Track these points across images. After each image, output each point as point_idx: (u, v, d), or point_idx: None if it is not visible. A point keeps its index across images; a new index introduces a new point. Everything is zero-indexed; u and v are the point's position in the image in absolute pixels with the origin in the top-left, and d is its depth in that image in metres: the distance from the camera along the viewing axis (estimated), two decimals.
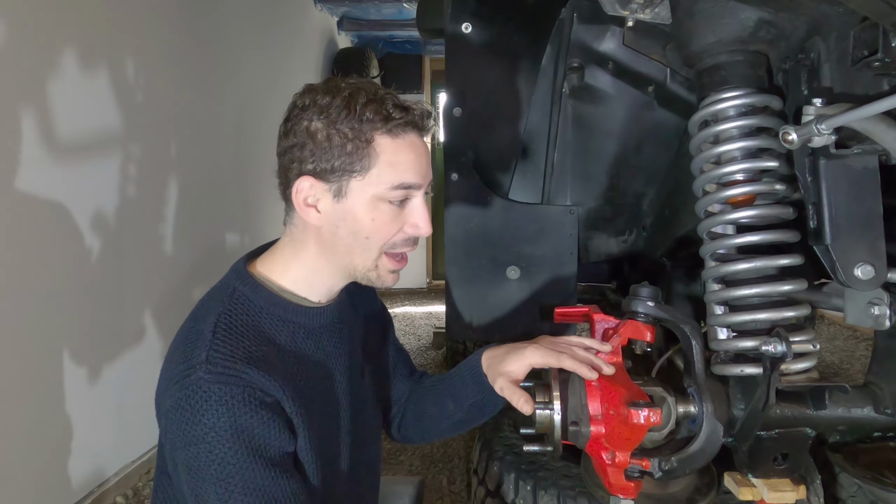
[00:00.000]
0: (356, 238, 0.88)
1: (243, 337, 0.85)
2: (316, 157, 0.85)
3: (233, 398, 0.78)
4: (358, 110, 0.84)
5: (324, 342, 0.95)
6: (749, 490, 1.01)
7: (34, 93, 1.78)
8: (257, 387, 0.80)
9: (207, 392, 0.78)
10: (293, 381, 0.86)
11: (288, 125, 0.87)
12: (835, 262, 0.92)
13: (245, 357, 0.82)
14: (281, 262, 0.94)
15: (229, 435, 0.78)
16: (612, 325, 0.99)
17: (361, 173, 0.85)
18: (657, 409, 0.84)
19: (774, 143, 0.96)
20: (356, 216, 0.87)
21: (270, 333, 0.88)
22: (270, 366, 0.83)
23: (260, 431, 0.79)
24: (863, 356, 3.76)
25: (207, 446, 0.78)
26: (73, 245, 1.93)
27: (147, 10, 2.33)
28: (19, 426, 1.71)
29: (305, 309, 0.93)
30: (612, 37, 1.36)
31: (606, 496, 1.24)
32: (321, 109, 0.85)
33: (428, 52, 5.70)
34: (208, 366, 0.80)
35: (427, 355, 4.10)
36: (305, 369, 0.90)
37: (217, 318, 0.86)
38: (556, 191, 1.51)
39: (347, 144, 0.84)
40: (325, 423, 0.92)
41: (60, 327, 1.87)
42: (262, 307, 0.89)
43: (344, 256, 0.90)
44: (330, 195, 0.87)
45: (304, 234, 0.91)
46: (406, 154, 0.87)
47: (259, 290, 0.90)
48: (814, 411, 1.01)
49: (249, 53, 3.27)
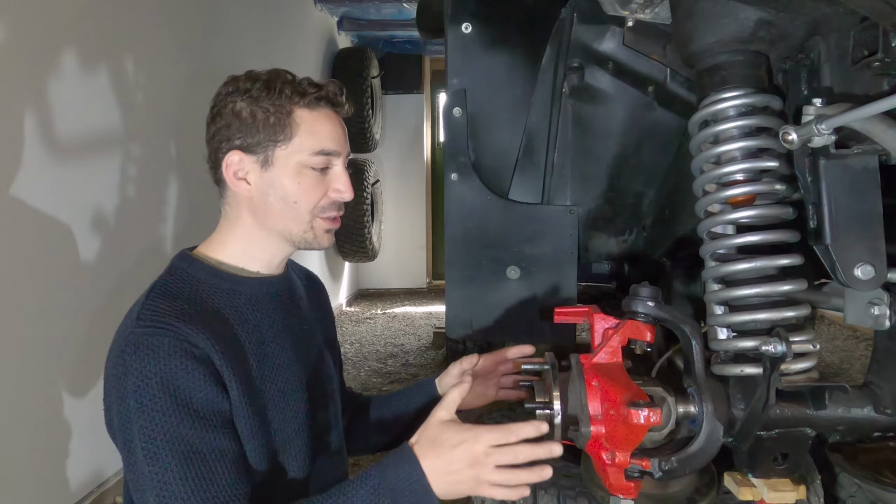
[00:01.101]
0: (286, 203, 0.95)
1: (175, 299, 0.89)
2: (242, 132, 0.93)
3: (160, 347, 0.82)
4: (277, 88, 0.93)
5: (269, 310, 0.98)
6: (749, 490, 1.01)
7: (34, 93, 1.78)
8: (184, 338, 0.83)
9: (136, 344, 0.82)
10: (229, 340, 0.89)
11: (213, 111, 0.96)
12: (835, 262, 0.92)
13: (174, 313, 0.86)
14: (218, 240, 1.00)
15: (155, 382, 0.80)
16: (612, 325, 0.99)
17: (285, 142, 0.94)
18: (657, 409, 0.84)
19: (774, 143, 0.96)
20: (283, 183, 0.95)
21: (208, 298, 0.92)
22: (202, 323, 0.87)
23: (185, 381, 0.82)
24: (863, 356, 3.76)
25: (136, 395, 0.80)
26: (73, 245, 1.93)
27: (147, 10, 2.33)
28: (19, 426, 1.70)
29: (243, 278, 0.98)
30: (612, 37, 1.36)
31: (606, 496, 1.24)
32: (243, 92, 0.94)
33: (428, 52, 5.71)
34: (138, 321, 0.85)
35: (427, 355, 4.10)
36: (246, 331, 0.93)
37: (152, 287, 0.92)
38: (556, 191, 1.51)
39: (270, 118, 0.93)
40: (271, 386, 0.94)
41: (60, 327, 1.87)
42: (201, 278, 0.94)
43: (278, 222, 0.97)
44: (258, 166, 0.95)
45: (237, 210, 0.98)
46: (323, 124, 0.96)
47: (197, 264, 0.96)
48: (814, 411, 1.00)
49: (249, 53, 3.28)
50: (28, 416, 1.74)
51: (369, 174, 4.99)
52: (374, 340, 4.46)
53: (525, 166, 1.48)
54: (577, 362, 0.98)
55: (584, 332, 1.12)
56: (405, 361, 3.99)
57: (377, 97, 5.22)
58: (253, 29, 3.40)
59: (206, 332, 0.86)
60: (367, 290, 6.05)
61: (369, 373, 3.78)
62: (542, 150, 1.47)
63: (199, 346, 0.84)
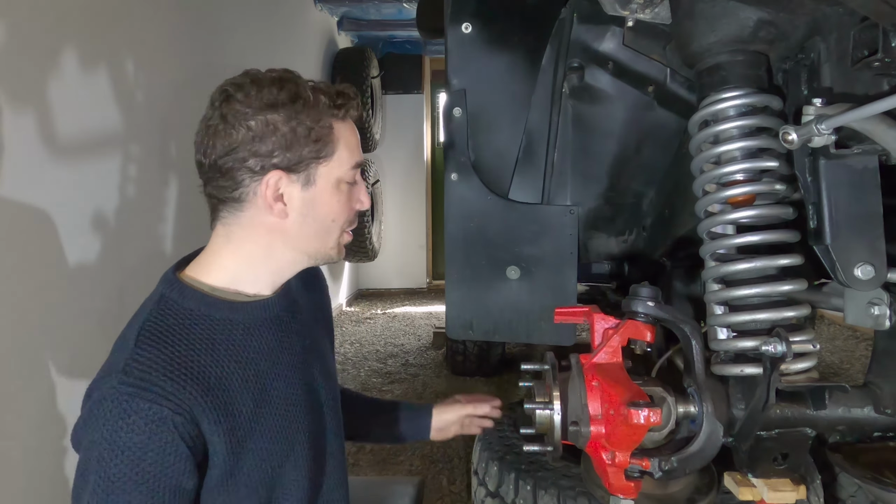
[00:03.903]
0: (323, 223, 0.91)
1: (167, 344, 0.82)
2: (281, 149, 0.85)
3: (137, 414, 0.76)
4: (310, 99, 0.86)
5: (266, 337, 0.92)
6: (749, 490, 1.01)
7: (34, 93, 1.78)
8: (169, 403, 0.77)
9: (113, 403, 0.76)
10: (222, 385, 0.84)
11: (226, 121, 0.84)
12: (835, 262, 0.92)
13: (163, 366, 0.79)
14: (216, 261, 0.91)
15: (122, 453, 0.75)
16: (612, 325, 0.99)
17: (327, 158, 0.88)
18: (657, 409, 0.84)
19: (774, 143, 0.96)
20: (325, 200, 0.90)
21: (203, 336, 0.85)
22: (192, 373, 0.81)
23: (154, 457, 0.76)
24: (863, 356, 3.76)
25: (97, 453, 0.76)
26: (73, 245, 1.93)
27: (147, 10, 2.33)
28: (19, 426, 1.70)
29: (241, 305, 0.90)
30: (612, 37, 1.36)
31: (606, 496, 1.24)
32: (271, 104, 0.84)
33: (428, 52, 5.71)
34: (122, 376, 0.78)
35: (427, 355, 4.10)
36: (242, 367, 0.87)
37: (141, 326, 0.83)
38: (556, 191, 1.51)
39: (312, 133, 0.86)
40: (266, 422, 0.89)
41: (60, 327, 1.87)
42: (192, 309, 0.86)
43: (311, 243, 0.92)
44: (298, 185, 0.88)
45: (253, 231, 0.89)
46: (353, 136, 0.92)
47: (188, 293, 0.87)
48: (814, 411, 1.00)
49: (249, 53, 3.28)
50: (28, 416, 1.74)
51: (369, 174, 5.00)
52: (374, 340, 4.45)
53: (525, 166, 1.48)
54: (577, 362, 0.98)
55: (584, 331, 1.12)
56: (405, 361, 3.99)
57: (377, 97, 5.22)
58: (253, 29, 3.40)
59: (195, 387, 0.80)
60: (367, 290, 6.05)
61: (369, 373, 3.77)
62: (542, 150, 1.47)
63: (184, 407, 0.78)
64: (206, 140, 0.86)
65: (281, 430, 0.91)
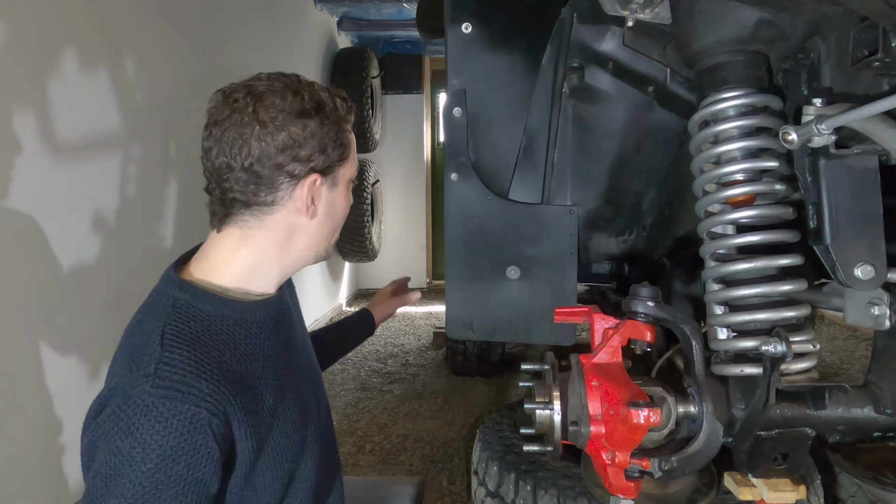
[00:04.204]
0: (335, 221, 0.95)
1: (195, 345, 0.81)
2: (318, 153, 0.88)
3: (175, 417, 0.74)
4: (332, 106, 0.89)
5: (276, 334, 0.94)
6: (749, 490, 1.01)
7: (34, 93, 1.78)
8: (205, 404, 0.76)
9: (150, 406, 0.74)
10: (248, 384, 0.84)
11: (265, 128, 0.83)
12: (835, 262, 0.92)
13: (196, 368, 0.78)
14: (223, 261, 0.90)
15: (155, 456, 0.73)
16: (612, 325, 0.99)
17: (343, 161, 0.92)
18: (657, 409, 0.84)
19: (774, 143, 0.96)
20: (342, 199, 0.95)
21: (224, 336, 0.85)
22: (223, 373, 0.80)
23: (188, 460, 0.75)
24: (863, 356, 3.76)
25: (129, 460, 0.73)
26: (73, 245, 1.93)
27: (147, 10, 2.33)
28: (19, 426, 1.70)
29: (253, 304, 0.91)
30: (612, 37, 1.36)
31: (606, 496, 1.24)
32: (303, 109, 0.85)
33: (428, 52, 5.70)
34: (156, 379, 0.76)
35: (427, 355, 4.10)
36: (262, 365, 0.89)
37: (163, 330, 0.81)
38: (556, 191, 1.51)
39: (337, 137, 0.90)
40: (283, 418, 0.90)
41: (60, 327, 1.87)
42: (209, 311, 0.85)
43: (323, 241, 0.95)
44: (327, 186, 0.91)
45: (276, 234, 0.89)
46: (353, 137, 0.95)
47: (202, 295, 0.86)
48: (814, 411, 1.01)
49: (249, 53, 3.27)
50: (28, 416, 1.74)
51: (369, 174, 4.99)
52: (374, 340, 4.45)
53: (525, 166, 1.48)
54: (577, 362, 0.98)
55: (584, 331, 1.12)
56: (405, 361, 3.99)
57: (377, 97, 5.22)
58: (253, 29, 3.39)
59: (228, 387, 0.80)
60: (367, 290, 6.04)
61: (369, 373, 3.78)
62: (542, 150, 1.47)
63: (220, 408, 0.78)
64: (237, 143, 0.84)
65: (295, 425, 0.92)
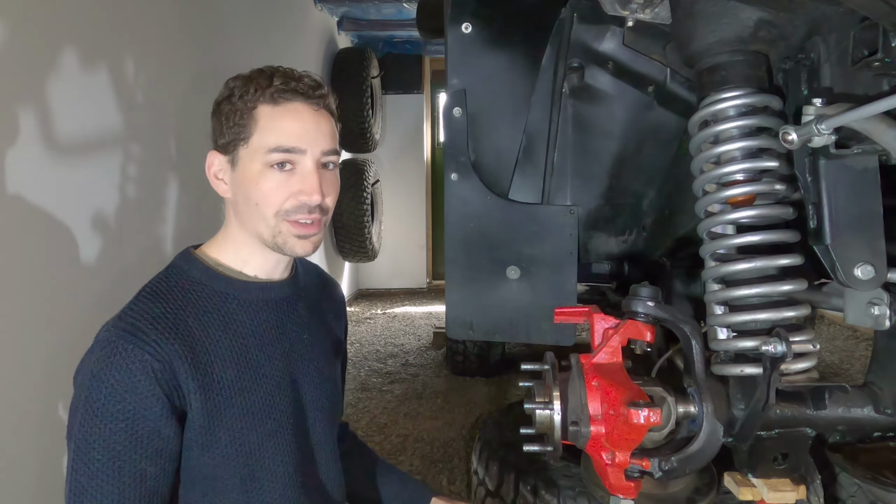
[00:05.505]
0: (249, 205, 0.93)
1: (161, 301, 0.89)
2: (218, 131, 0.93)
3: (120, 355, 0.82)
4: (252, 84, 0.90)
5: (262, 317, 0.96)
6: (749, 490, 1.01)
7: (34, 93, 1.78)
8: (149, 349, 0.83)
9: (104, 342, 0.84)
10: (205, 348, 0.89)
11: None
12: (835, 262, 0.92)
13: (152, 317, 0.86)
14: (220, 239, 1.00)
15: (104, 387, 0.82)
16: (612, 325, 0.99)
17: (246, 141, 0.91)
18: (657, 409, 0.84)
19: (774, 143, 0.96)
20: (246, 183, 0.92)
21: (196, 301, 0.92)
22: (177, 329, 0.87)
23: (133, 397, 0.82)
24: (863, 356, 3.77)
25: (87, 390, 0.83)
26: (73, 245, 1.93)
27: (147, 10, 2.33)
28: (19, 426, 1.70)
29: (239, 282, 0.96)
30: (612, 37, 1.36)
31: (606, 496, 1.24)
32: (228, 91, 0.92)
33: (428, 52, 5.71)
34: (118, 321, 0.87)
35: (427, 355, 4.10)
36: (230, 338, 0.92)
37: (144, 286, 0.93)
38: (556, 191, 1.51)
39: (236, 115, 0.90)
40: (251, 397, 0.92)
41: (60, 327, 1.87)
42: (196, 278, 0.94)
43: (249, 224, 0.94)
44: (230, 167, 0.94)
45: (227, 211, 0.98)
46: (285, 119, 0.91)
47: (195, 264, 0.95)
48: (814, 411, 1.00)
49: (249, 53, 3.27)
50: (28, 415, 1.74)
51: (369, 174, 4.99)
52: (374, 340, 4.46)
53: (525, 166, 1.48)
54: (577, 362, 0.98)
55: (584, 331, 1.12)
56: (405, 361, 3.99)
57: (377, 97, 5.22)
58: (253, 29, 3.40)
59: (177, 341, 0.86)
60: (367, 290, 6.05)
61: (369, 373, 3.78)
62: (542, 150, 1.47)
63: (163, 356, 0.84)
64: None
65: (263, 410, 0.93)
